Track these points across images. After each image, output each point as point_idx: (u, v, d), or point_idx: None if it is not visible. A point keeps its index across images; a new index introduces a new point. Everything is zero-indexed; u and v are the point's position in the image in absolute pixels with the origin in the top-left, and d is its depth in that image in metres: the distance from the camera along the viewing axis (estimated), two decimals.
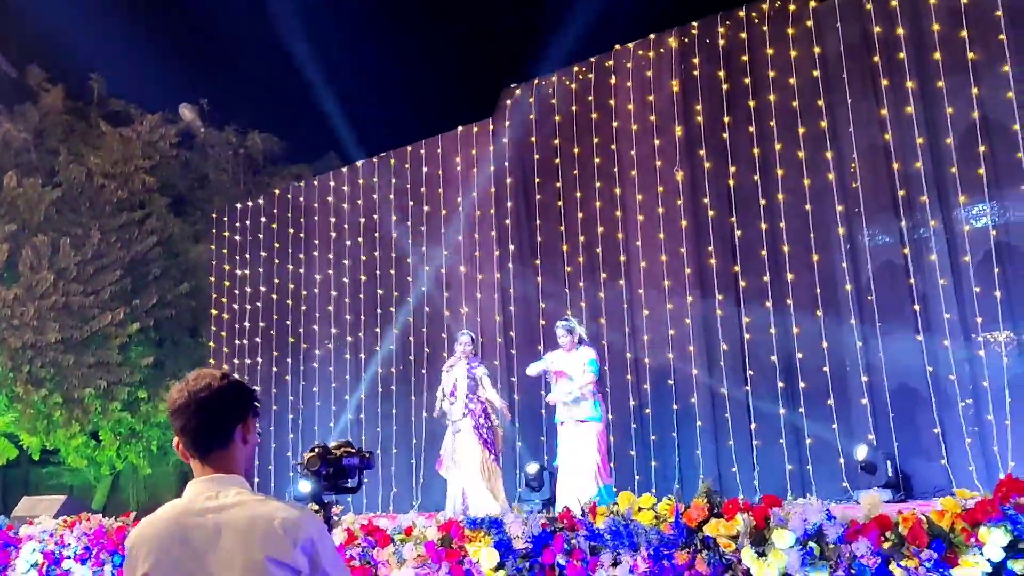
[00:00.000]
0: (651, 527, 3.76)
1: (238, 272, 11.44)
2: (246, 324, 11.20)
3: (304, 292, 10.74)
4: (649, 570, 3.70)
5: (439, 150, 10.02)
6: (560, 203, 9.15)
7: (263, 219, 11.37)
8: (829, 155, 7.62)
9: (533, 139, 9.42)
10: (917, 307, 7.10)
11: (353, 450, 2.58)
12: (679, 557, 3.66)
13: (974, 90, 7.00)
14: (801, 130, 7.78)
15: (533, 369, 7.25)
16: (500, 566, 4.22)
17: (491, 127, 9.79)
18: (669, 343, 8.29)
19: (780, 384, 7.59)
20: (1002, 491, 3.20)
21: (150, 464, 13.65)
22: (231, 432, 1.97)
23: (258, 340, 11.05)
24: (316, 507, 2.45)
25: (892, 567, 3.27)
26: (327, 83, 13.59)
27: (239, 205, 11.76)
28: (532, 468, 8.48)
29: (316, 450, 2.55)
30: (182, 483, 11.17)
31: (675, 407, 8.16)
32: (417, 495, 9.56)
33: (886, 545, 3.29)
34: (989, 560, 3.12)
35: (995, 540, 3.11)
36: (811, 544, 3.43)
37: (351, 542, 4.78)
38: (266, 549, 1.81)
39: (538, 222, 9.34)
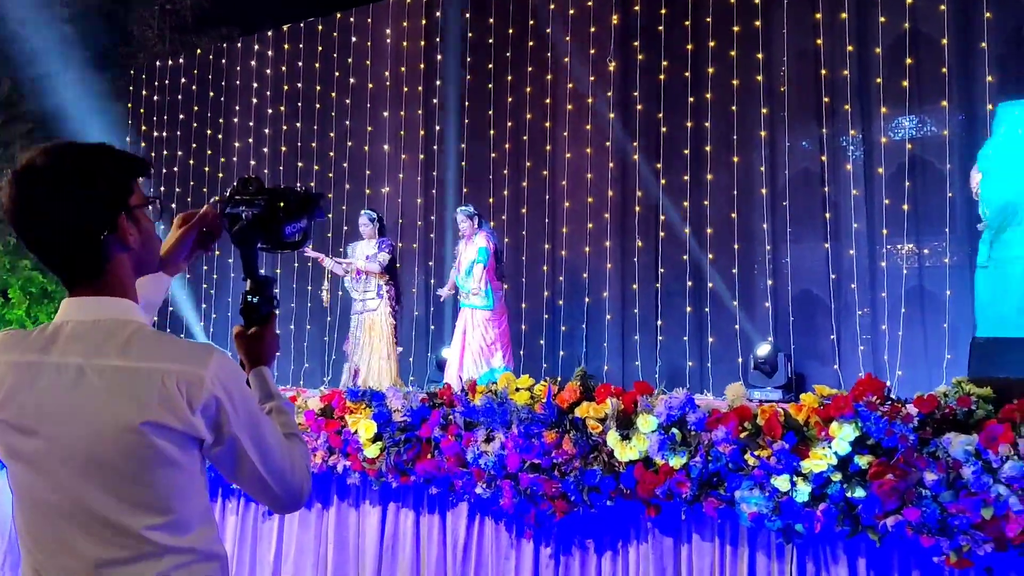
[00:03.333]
0: (524, 406, 3.80)
1: (156, 134, 11.00)
2: (162, 188, 10.83)
3: (223, 159, 10.38)
4: (518, 446, 3.75)
5: (369, 19, 9.60)
6: (490, 85, 8.91)
7: (184, 80, 10.88)
8: (760, 56, 7.51)
9: (467, 15, 9.10)
10: (828, 215, 7.18)
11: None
12: (548, 436, 3.71)
13: (908, 0, 6.92)
14: (735, 28, 7.63)
15: (445, 292, 7.42)
16: (378, 437, 4.24)
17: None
18: (587, 237, 8.28)
19: (689, 283, 7.67)
20: (859, 389, 3.28)
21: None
22: (97, 249, 1.36)
23: (173, 206, 10.69)
24: (253, 289, 1.72)
25: (746, 456, 3.36)
26: None
27: (159, 63, 11.21)
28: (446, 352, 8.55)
29: (250, 182, 1.74)
30: None
31: (587, 300, 8.22)
32: (328, 371, 9.56)
33: (743, 435, 3.37)
34: (836, 454, 3.22)
35: (844, 435, 3.20)
36: (673, 430, 3.49)
37: None
38: (145, 411, 1.32)
39: (467, 103, 9.11)
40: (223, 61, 10.59)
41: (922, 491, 3.10)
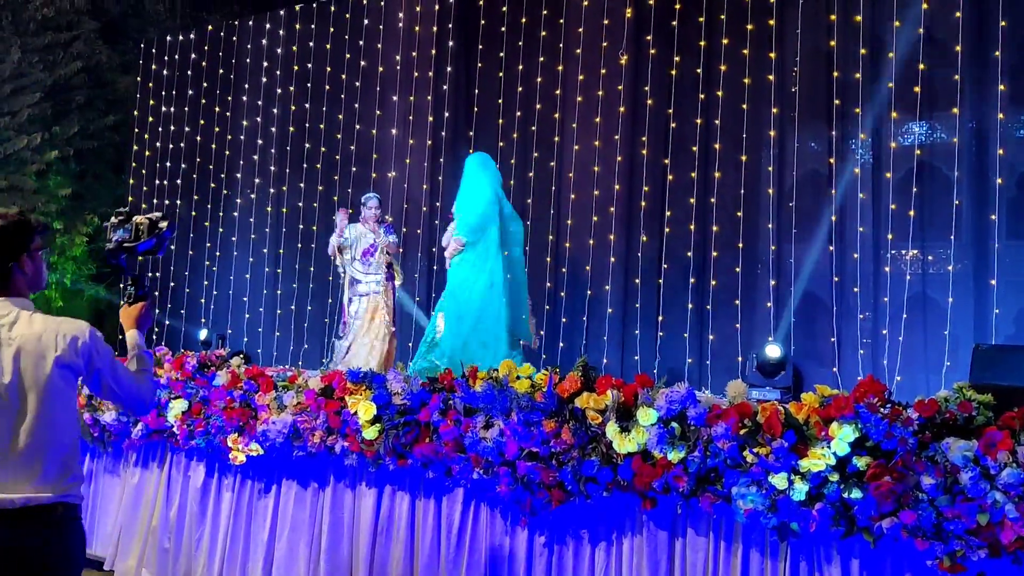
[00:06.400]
0: (524, 394, 3.80)
1: (163, 109, 10.98)
2: (168, 164, 10.83)
3: (229, 137, 10.37)
4: (517, 434, 3.75)
5: (383, 2, 9.58)
6: (501, 74, 8.89)
7: (194, 56, 10.85)
8: (773, 55, 7.50)
9: (481, 3, 9.06)
10: (834, 217, 7.17)
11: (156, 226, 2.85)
12: (547, 425, 3.72)
13: (924, 5, 6.90)
14: (749, 27, 7.61)
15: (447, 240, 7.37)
16: (377, 419, 4.25)
17: None
18: (591, 229, 8.28)
19: (692, 280, 7.68)
20: (860, 391, 3.28)
21: (63, 298, 13.36)
22: (9, 269, 2.44)
23: (179, 182, 10.71)
24: (131, 283, 2.85)
25: (745, 453, 3.36)
26: None
27: (169, 38, 11.18)
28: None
29: (123, 214, 2.86)
30: (95, 318, 10.88)
31: (589, 293, 8.23)
32: (327, 353, 9.56)
33: (742, 431, 3.37)
34: (835, 454, 3.22)
35: (843, 436, 3.20)
36: (672, 424, 3.50)
37: (234, 385, 4.75)
38: (56, 355, 2.42)
39: (477, 91, 9.08)
40: (234, 38, 10.57)
41: (919, 495, 3.11)
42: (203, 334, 9.53)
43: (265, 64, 10.22)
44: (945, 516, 3.07)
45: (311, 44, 9.92)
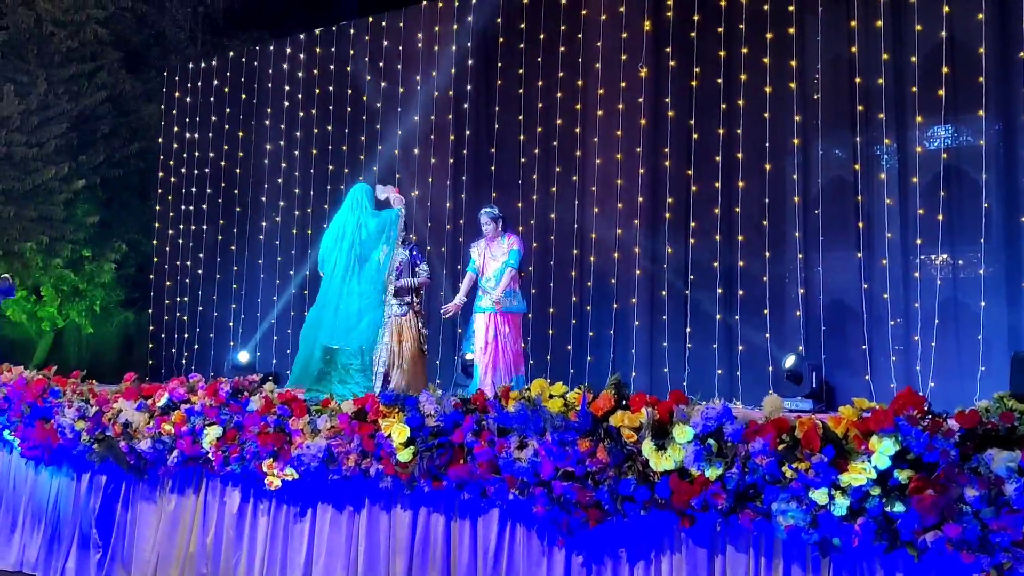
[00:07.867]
0: (558, 414, 3.79)
1: (188, 135, 11.11)
2: (193, 190, 10.95)
3: (253, 161, 10.48)
4: (551, 454, 3.75)
5: (401, 23, 9.66)
6: (521, 91, 8.93)
7: (216, 82, 10.98)
8: (794, 63, 7.48)
9: (499, 20, 9.10)
10: (861, 224, 7.13)
11: None
12: (582, 444, 3.70)
13: (945, 8, 6.86)
14: (769, 35, 7.60)
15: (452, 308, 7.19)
16: (411, 442, 4.25)
17: (456, 4, 9.43)
18: (616, 242, 8.27)
19: (719, 290, 7.64)
20: (899, 403, 3.24)
21: (92, 324, 13.49)
22: None
23: (204, 207, 10.82)
24: None
25: (784, 468, 3.33)
26: None
27: (192, 65, 11.32)
28: (470, 356, 8.55)
29: None
30: (125, 344, 11.01)
31: (615, 306, 8.21)
32: None
33: (780, 447, 3.34)
34: (876, 468, 3.18)
35: (884, 449, 3.16)
36: (709, 441, 3.47)
37: (267, 410, 4.78)
38: None
39: (497, 108, 9.12)
40: (255, 63, 10.69)
41: (963, 507, 3.06)
42: (243, 356, 9.59)
43: (287, 88, 10.33)
44: (990, 528, 3.02)
45: (331, 67, 10.01)
